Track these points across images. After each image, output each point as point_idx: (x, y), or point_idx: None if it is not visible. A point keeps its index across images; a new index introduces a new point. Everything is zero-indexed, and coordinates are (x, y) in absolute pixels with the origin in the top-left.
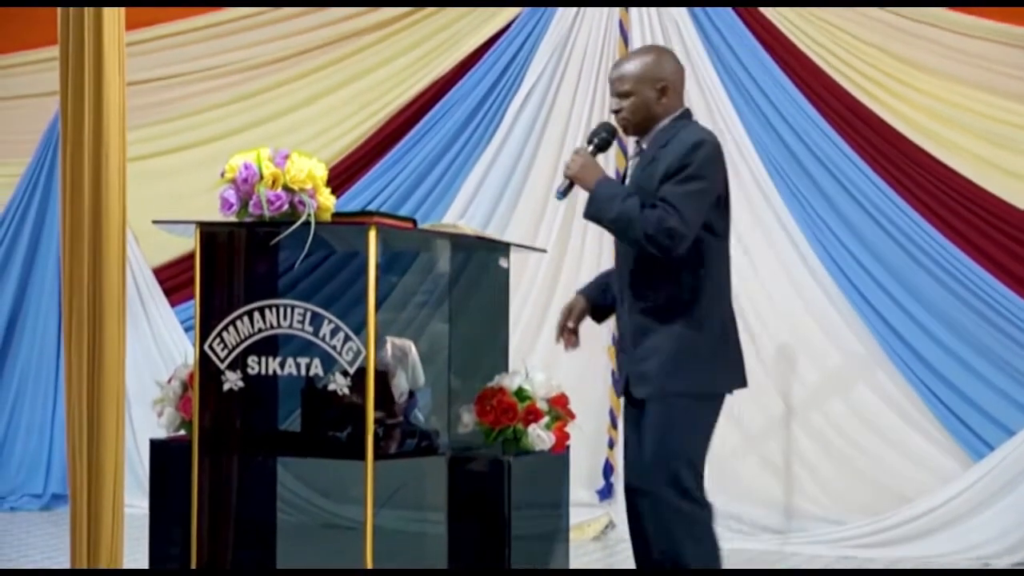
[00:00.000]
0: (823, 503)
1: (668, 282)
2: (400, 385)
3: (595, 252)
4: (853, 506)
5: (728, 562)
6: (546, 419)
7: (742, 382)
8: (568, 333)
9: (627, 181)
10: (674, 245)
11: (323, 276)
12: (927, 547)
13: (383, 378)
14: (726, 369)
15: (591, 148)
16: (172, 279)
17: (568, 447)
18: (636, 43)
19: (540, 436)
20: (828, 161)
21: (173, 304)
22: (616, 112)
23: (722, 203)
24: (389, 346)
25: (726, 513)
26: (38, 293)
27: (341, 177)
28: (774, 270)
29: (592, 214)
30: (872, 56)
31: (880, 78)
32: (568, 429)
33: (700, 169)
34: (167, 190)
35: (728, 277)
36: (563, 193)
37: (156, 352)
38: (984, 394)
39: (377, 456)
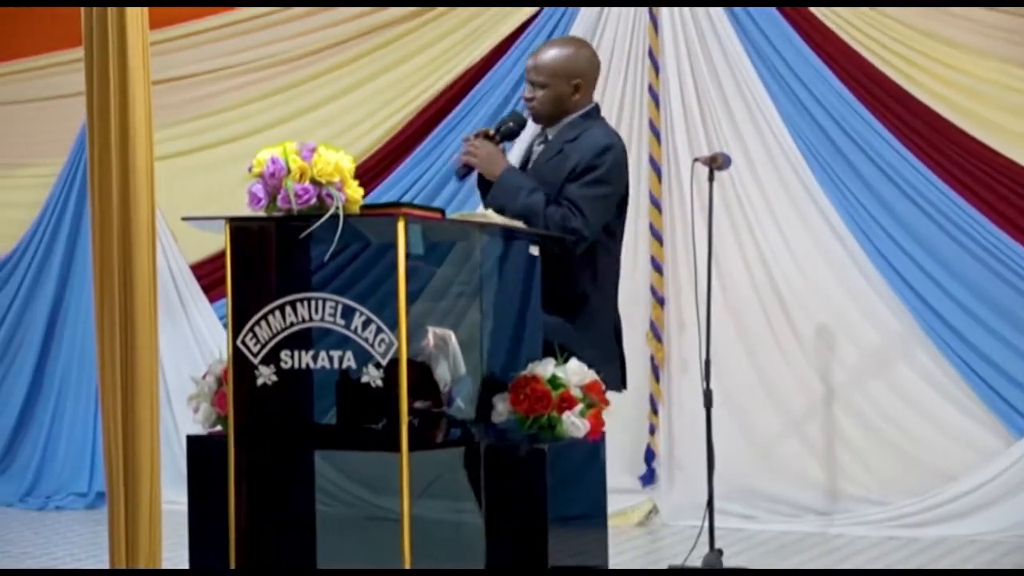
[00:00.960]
0: (866, 484)
1: (563, 279)
2: (442, 375)
3: (630, 243)
4: (896, 486)
5: (772, 544)
6: (580, 406)
7: (623, 384)
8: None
9: (529, 166)
10: (575, 246)
11: (354, 268)
12: (971, 525)
13: (423, 368)
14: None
15: (497, 136)
16: (210, 275)
17: (604, 433)
18: (665, 20)
19: (575, 423)
20: (862, 141)
21: (212, 300)
22: (528, 100)
23: (622, 207)
24: (431, 336)
25: (769, 496)
26: (78, 291)
27: (374, 170)
28: (810, 252)
29: (496, 202)
30: (904, 34)
31: (912, 56)
32: (603, 415)
33: (608, 174)
34: (203, 187)
35: (617, 278)
36: (463, 176)
37: (196, 348)
38: None
39: (424, 446)
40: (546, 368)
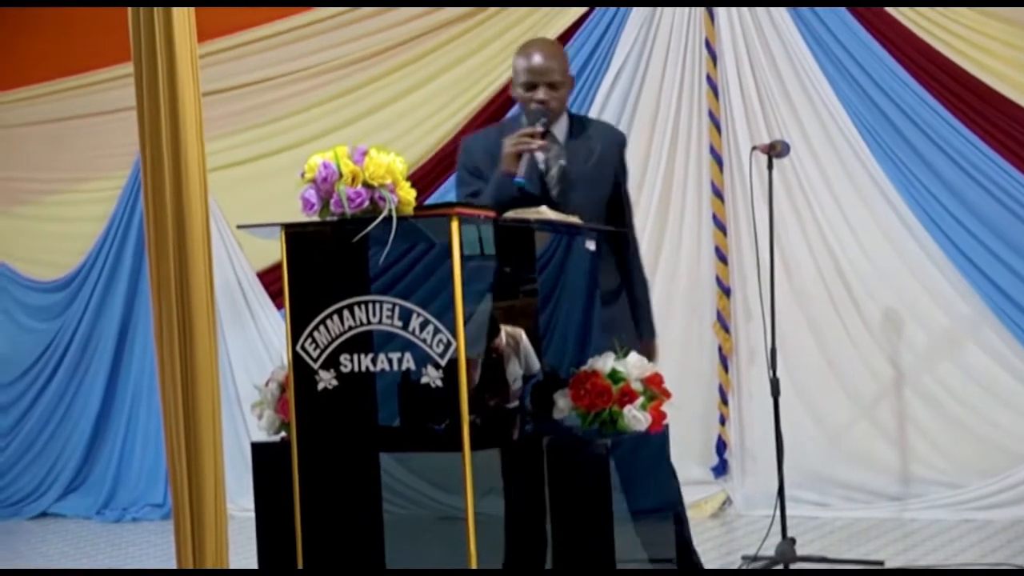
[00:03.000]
0: (939, 467)
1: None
2: (513, 372)
3: (694, 234)
4: (969, 468)
5: (846, 531)
6: (641, 399)
7: None
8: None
9: (552, 172)
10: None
11: (410, 270)
12: None
13: (488, 367)
14: None
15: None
16: (277, 282)
17: (666, 426)
18: (721, 11)
19: (636, 416)
20: (922, 122)
21: (279, 307)
22: (542, 102)
23: None
24: (503, 334)
25: (842, 482)
26: (147, 302)
27: (434, 172)
28: (874, 235)
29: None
30: (961, 13)
31: (972, 36)
32: (665, 408)
33: None
34: (267, 194)
35: None
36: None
37: (265, 355)
38: None
39: (487, 444)
40: (606, 363)
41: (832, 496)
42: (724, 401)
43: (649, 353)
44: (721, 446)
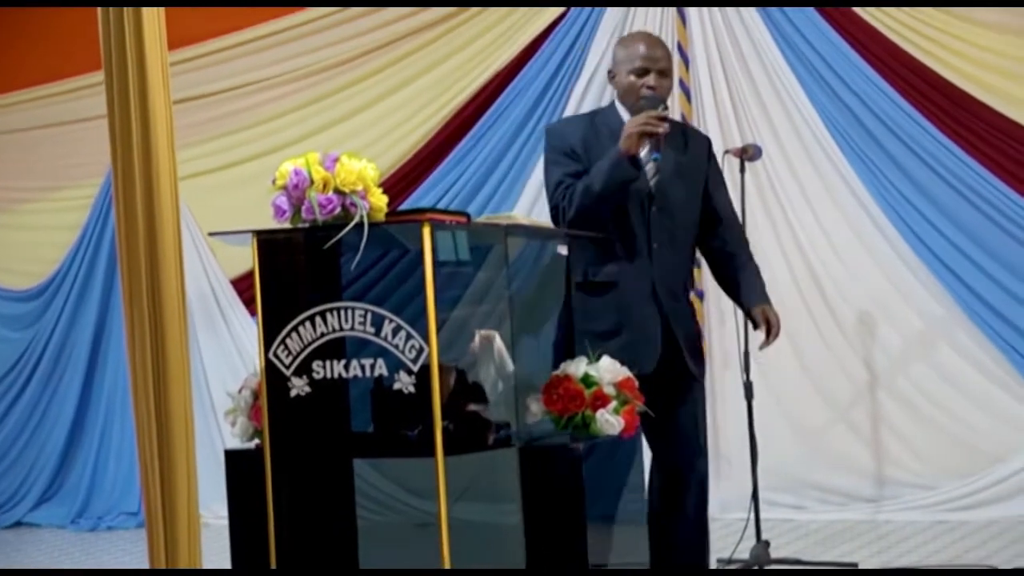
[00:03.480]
0: (914, 468)
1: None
2: (487, 374)
3: None
4: (944, 469)
5: (820, 534)
6: (614, 403)
7: None
8: None
9: (651, 164)
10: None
11: (381, 276)
12: (1021, 505)
13: (460, 372)
14: None
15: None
16: (250, 289)
17: (639, 429)
18: (692, 13)
19: (609, 421)
20: (892, 123)
21: (253, 314)
22: (652, 88)
23: None
24: (477, 337)
25: (817, 485)
26: (120, 313)
27: (409, 177)
28: (847, 238)
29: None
30: (931, 15)
31: (942, 38)
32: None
33: None
34: (241, 201)
35: None
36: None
37: (239, 362)
38: None
39: (460, 450)
40: (579, 367)
41: (807, 499)
42: None
43: (773, 317)
44: None
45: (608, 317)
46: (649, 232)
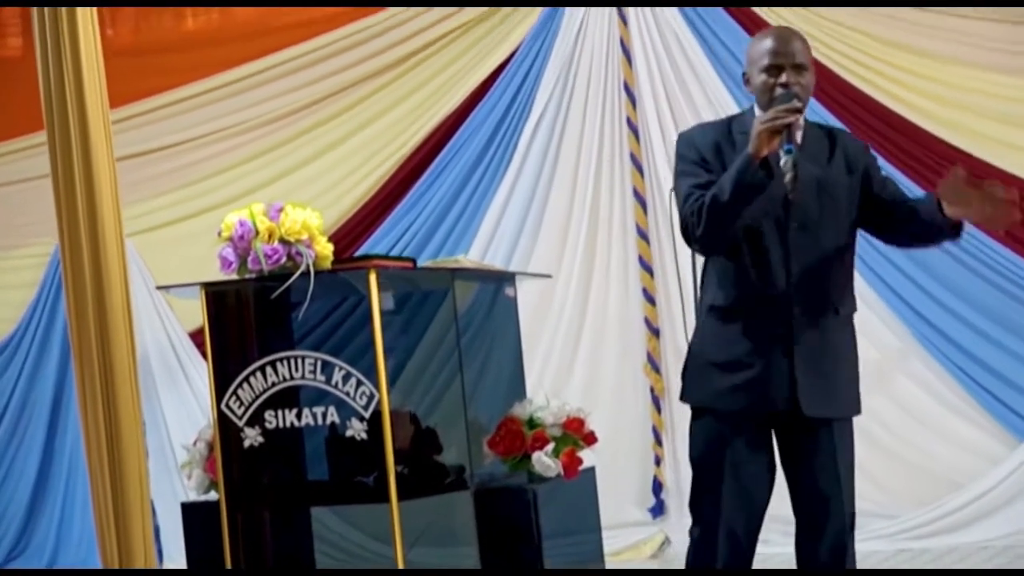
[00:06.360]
0: (875, 498)
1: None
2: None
3: (621, 277)
4: (905, 498)
5: (786, 566)
6: (552, 444)
7: None
8: None
9: (786, 159)
10: None
11: (331, 324)
12: (983, 531)
13: (411, 417)
14: None
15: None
16: None
17: (592, 469)
18: (637, 52)
19: (544, 462)
20: None
21: None
22: (786, 86)
23: None
24: None
25: (781, 518)
26: None
27: (362, 224)
28: None
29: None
30: (867, 44)
31: (882, 68)
32: (594, 450)
33: None
34: (196, 255)
35: None
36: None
37: (200, 414)
38: (1022, 373)
39: (415, 494)
40: (525, 409)
41: (771, 532)
42: (658, 442)
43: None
44: (657, 487)
45: (732, 348)
46: (787, 251)
